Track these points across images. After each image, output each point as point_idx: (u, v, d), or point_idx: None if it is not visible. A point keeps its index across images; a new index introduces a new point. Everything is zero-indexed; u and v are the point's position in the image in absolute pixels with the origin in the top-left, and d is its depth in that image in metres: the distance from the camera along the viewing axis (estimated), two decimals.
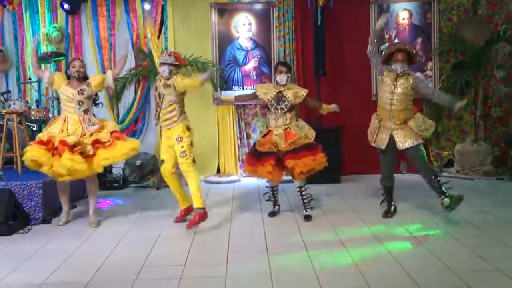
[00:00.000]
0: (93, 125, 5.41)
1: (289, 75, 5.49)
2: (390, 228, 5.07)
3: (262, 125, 8.24)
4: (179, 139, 5.27)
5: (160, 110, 5.32)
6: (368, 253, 4.34)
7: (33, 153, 5.11)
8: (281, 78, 5.45)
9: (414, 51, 5.34)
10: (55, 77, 5.51)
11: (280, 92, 5.44)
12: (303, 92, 5.47)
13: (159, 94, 5.33)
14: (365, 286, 3.60)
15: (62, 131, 5.31)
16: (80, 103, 5.41)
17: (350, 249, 4.43)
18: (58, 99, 6.70)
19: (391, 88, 5.22)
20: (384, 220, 5.38)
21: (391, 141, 5.27)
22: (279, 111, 5.42)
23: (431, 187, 5.25)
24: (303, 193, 5.51)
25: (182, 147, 5.26)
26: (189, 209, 5.52)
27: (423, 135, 5.28)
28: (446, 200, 5.09)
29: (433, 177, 5.18)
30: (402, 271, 3.87)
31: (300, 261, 4.19)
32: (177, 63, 5.31)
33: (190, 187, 5.30)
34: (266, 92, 5.50)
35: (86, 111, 5.47)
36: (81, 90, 5.42)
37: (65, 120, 5.39)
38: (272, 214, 5.64)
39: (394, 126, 5.26)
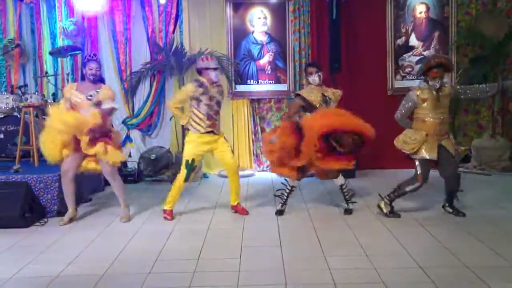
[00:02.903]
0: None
1: (320, 74, 5.56)
2: (404, 224, 5.04)
3: (276, 120, 8.24)
4: (226, 139, 5.55)
5: (218, 116, 5.42)
6: (382, 248, 4.32)
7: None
8: (313, 78, 5.56)
9: (449, 62, 5.50)
10: (66, 95, 5.26)
11: (323, 94, 5.56)
12: (340, 92, 5.70)
13: (217, 102, 5.39)
14: (379, 282, 3.58)
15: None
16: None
17: (364, 244, 4.41)
18: None
19: (437, 104, 5.15)
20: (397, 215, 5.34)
21: (442, 149, 5.19)
22: None
23: (448, 194, 5.29)
24: (344, 190, 5.51)
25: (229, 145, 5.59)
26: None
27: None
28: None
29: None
30: (417, 267, 3.84)
31: (313, 255, 4.18)
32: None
33: (237, 183, 5.56)
34: (312, 94, 5.55)
35: None
36: (90, 95, 5.16)
37: None
38: (280, 212, 5.54)
39: (442, 138, 5.21)
